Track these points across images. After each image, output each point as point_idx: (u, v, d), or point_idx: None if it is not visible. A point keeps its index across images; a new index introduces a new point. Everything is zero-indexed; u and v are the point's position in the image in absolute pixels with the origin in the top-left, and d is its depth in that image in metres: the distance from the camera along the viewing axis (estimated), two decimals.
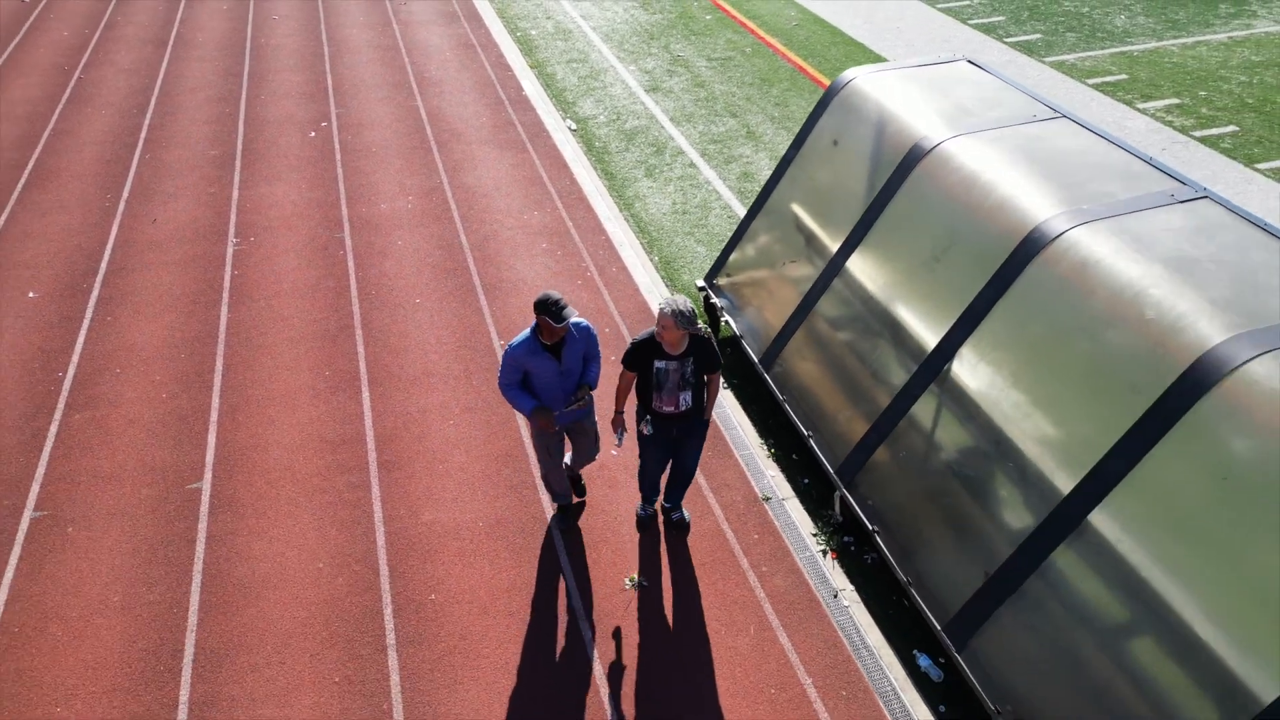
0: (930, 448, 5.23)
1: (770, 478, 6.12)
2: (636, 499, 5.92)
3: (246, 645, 5.01)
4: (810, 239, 6.66)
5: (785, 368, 6.48)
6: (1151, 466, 4.13)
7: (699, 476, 6.10)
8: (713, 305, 7.45)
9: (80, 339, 7.34)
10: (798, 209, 6.86)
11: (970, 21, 13.86)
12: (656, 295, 7.92)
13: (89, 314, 7.64)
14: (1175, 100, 11.15)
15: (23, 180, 9.66)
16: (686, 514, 5.73)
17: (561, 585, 5.35)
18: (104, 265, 8.26)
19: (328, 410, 6.63)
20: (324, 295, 7.88)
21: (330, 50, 13.02)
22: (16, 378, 6.94)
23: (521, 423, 6.52)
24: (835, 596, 5.31)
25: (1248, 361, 3.96)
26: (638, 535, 5.69)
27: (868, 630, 5.12)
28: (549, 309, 4.69)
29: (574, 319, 4.91)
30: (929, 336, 5.44)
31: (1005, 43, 13.02)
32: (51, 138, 10.54)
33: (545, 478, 5.49)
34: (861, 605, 5.28)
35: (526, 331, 4.90)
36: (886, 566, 5.47)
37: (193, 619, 5.15)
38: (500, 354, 7.18)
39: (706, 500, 5.93)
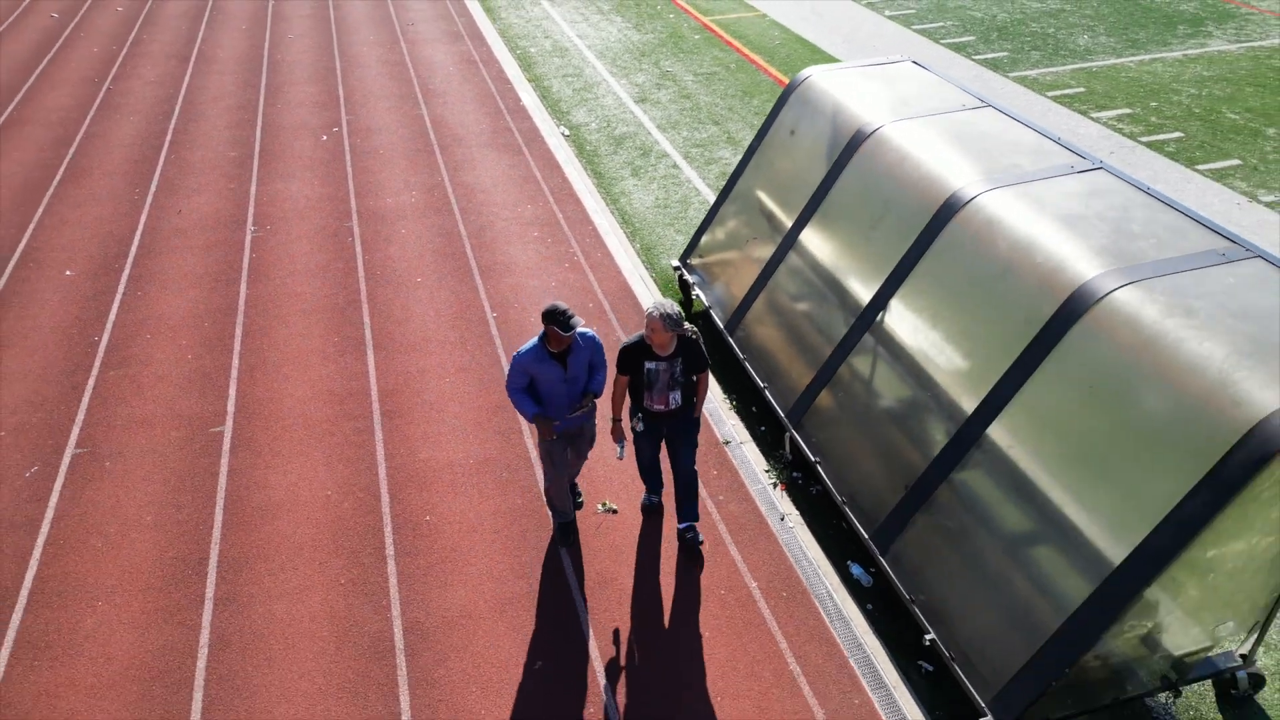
0: (864, 387, 5.96)
1: (730, 426, 6.84)
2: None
3: (263, 555, 5.73)
4: (770, 218, 7.44)
5: (746, 332, 7.22)
6: (1036, 384, 4.86)
7: None
8: (686, 282, 8.22)
9: (113, 310, 8.13)
10: (760, 193, 7.64)
11: (943, 41, 14.75)
12: (637, 277, 8.69)
13: (121, 289, 8.43)
14: (1127, 110, 11.98)
15: (58, 177, 10.51)
16: (700, 535, 5.75)
17: (543, 512, 6.06)
18: (134, 249, 9.07)
19: (336, 369, 7.39)
20: (334, 275, 8.66)
21: (342, 65, 13.94)
22: (57, 341, 7.72)
23: (526, 433, 7.28)
24: (782, 520, 6.01)
25: (1111, 292, 4.70)
26: (614, 462, 6.40)
27: (808, 546, 5.82)
28: (557, 318, 4.86)
29: (581, 329, 5.10)
30: (864, 294, 6.19)
31: (973, 59, 13.89)
32: (83, 140, 11.42)
33: (548, 492, 5.63)
34: (805, 527, 5.98)
35: (534, 340, 5.10)
36: (828, 495, 6.18)
37: (216, 534, 5.87)
38: (493, 325, 7.94)
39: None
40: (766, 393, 6.74)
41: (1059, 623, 4.32)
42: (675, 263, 8.37)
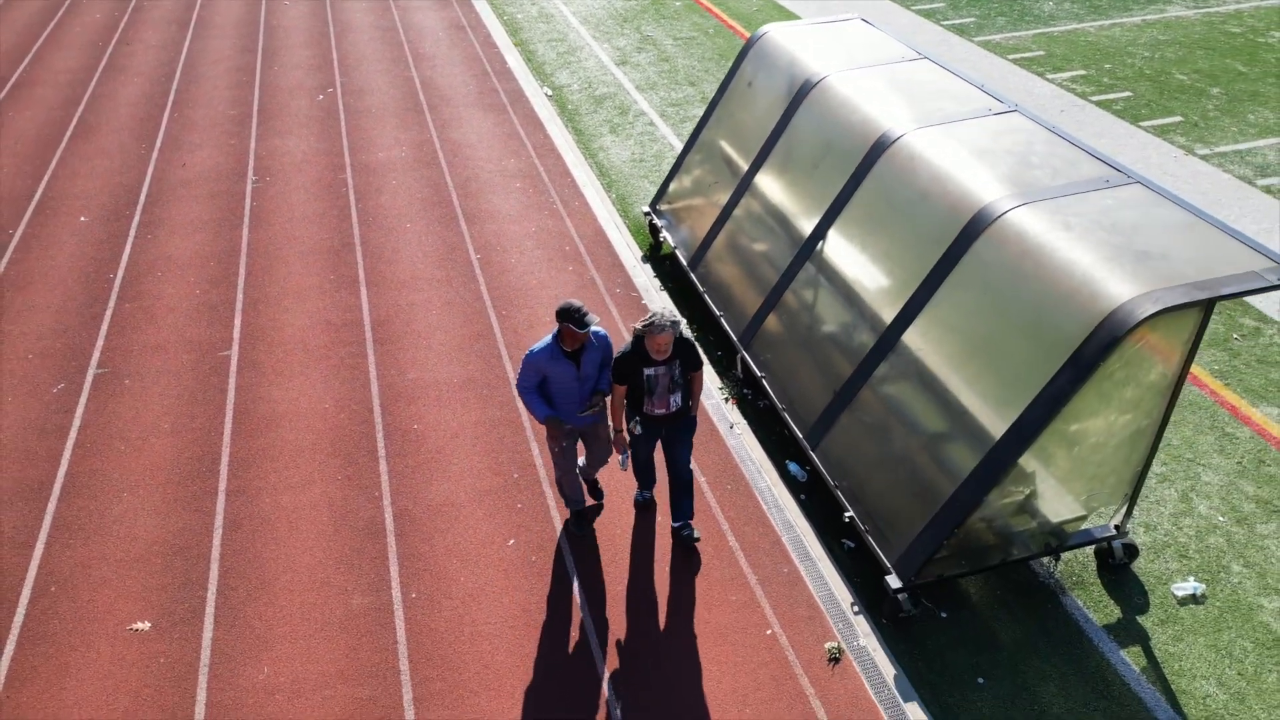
0: (804, 309, 6.67)
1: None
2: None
3: (269, 456, 6.45)
4: (729, 164, 8.11)
5: (707, 268, 7.92)
6: (942, 294, 5.56)
7: (628, 337, 7.53)
8: (655, 226, 8.89)
9: (126, 251, 8.80)
10: (721, 141, 8.31)
11: (913, 8, 15.32)
12: (611, 224, 9.36)
13: (132, 233, 9.10)
14: (1082, 71, 12.61)
15: (69, 133, 11.14)
16: (696, 532, 5.84)
17: (520, 418, 6.78)
18: (142, 198, 9.73)
19: (332, 303, 8.08)
20: (329, 221, 9.33)
21: (335, 30, 14.51)
22: (75, 278, 8.40)
23: (506, 358, 7.97)
24: (731, 428, 6.73)
25: (1006, 212, 5.40)
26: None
27: (752, 449, 6.55)
28: (572, 316, 4.82)
29: (594, 328, 5.07)
30: (807, 227, 6.88)
31: (941, 25, 14.49)
32: (91, 100, 12.03)
33: (559, 482, 5.68)
34: (750, 434, 6.71)
35: (548, 338, 5.05)
36: (772, 407, 6.90)
37: (226, 438, 6.59)
38: (476, 266, 8.62)
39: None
40: (722, 320, 7.44)
41: (950, 491, 5.05)
42: (646, 209, 9.04)
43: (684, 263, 8.18)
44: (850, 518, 5.61)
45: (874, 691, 4.93)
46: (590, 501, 6.06)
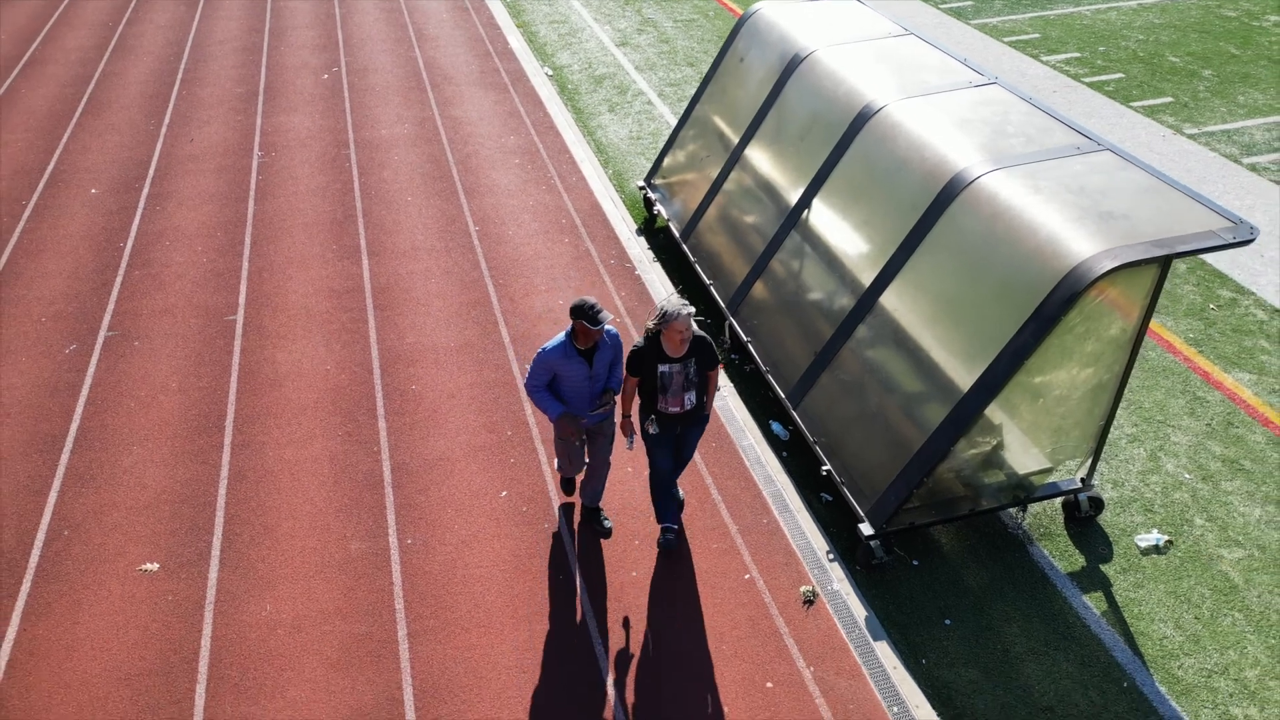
0: (788, 274, 6.89)
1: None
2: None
3: (272, 413, 6.72)
4: (721, 138, 8.32)
5: (698, 239, 8.14)
6: (918, 256, 5.78)
7: (620, 304, 7.78)
8: (649, 200, 9.11)
9: (135, 222, 9.07)
10: (713, 115, 8.52)
11: None
12: (607, 198, 9.58)
13: (141, 205, 9.36)
14: (1076, 54, 12.76)
15: (79, 110, 11.40)
16: (680, 492, 5.90)
17: (515, 381, 7.03)
18: (151, 171, 9.99)
19: (335, 271, 8.33)
20: (333, 194, 9.58)
21: (341, 11, 14.73)
22: (87, 247, 8.67)
23: (503, 323, 8.21)
24: (718, 389, 6.97)
25: (979, 177, 5.61)
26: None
27: (737, 410, 6.79)
28: (586, 313, 4.75)
29: (606, 326, 4.95)
30: (792, 196, 7.10)
31: (939, 9, 14.63)
32: (101, 78, 12.29)
33: (560, 469, 5.75)
34: (736, 396, 6.94)
35: (561, 336, 4.97)
36: (759, 373, 7.12)
37: (232, 397, 6.86)
38: (475, 237, 8.86)
39: (630, 334, 7.60)
40: (711, 288, 7.67)
41: (920, 442, 5.28)
42: (640, 183, 9.26)
43: (676, 234, 8.40)
44: (827, 471, 5.85)
45: (845, 631, 5.17)
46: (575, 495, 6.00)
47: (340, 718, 4.74)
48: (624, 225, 9.10)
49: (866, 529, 5.42)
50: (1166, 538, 5.66)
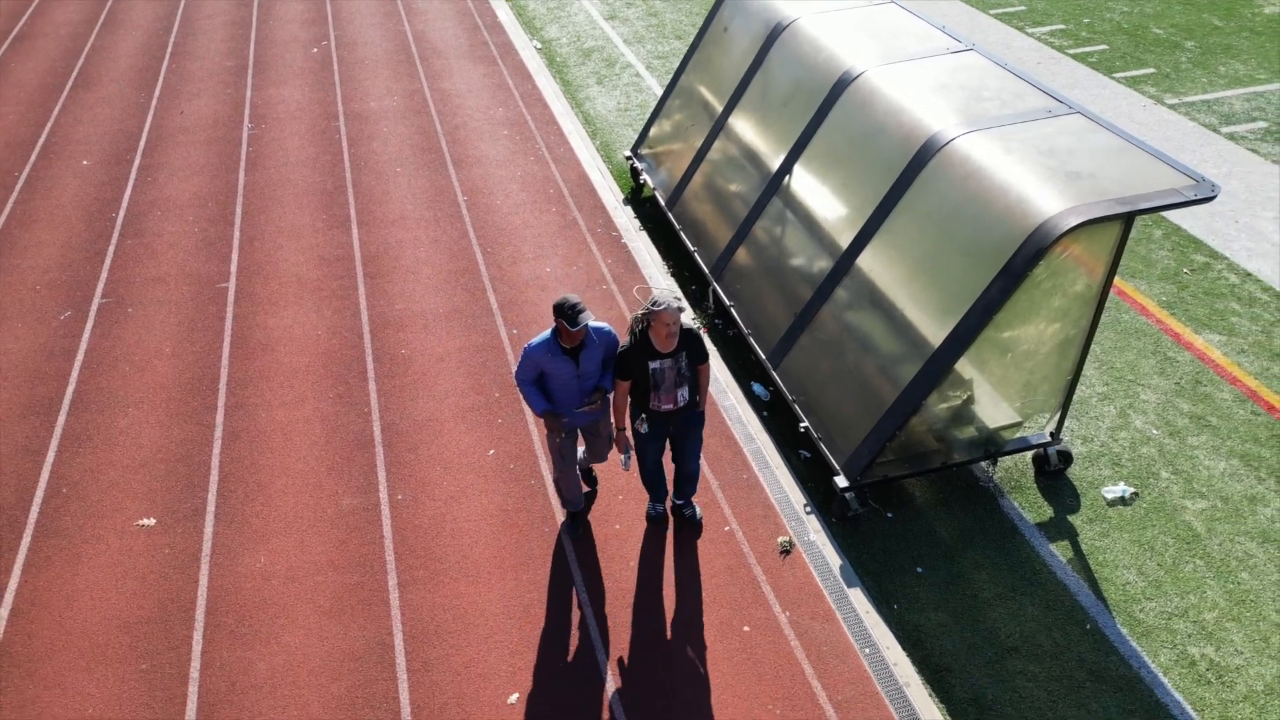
0: (769, 239, 7.03)
1: (666, 285, 7.93)
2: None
3: (265, 376, 6.86)
4: (705, 107, 8.43)
5: (683, 207, 8.27)
6: (894, 218, 5.93)
7: (607, 271, 7.92)
8: (636, 169, 9.23)
9: (128, 192, 9.16)
10: (699, 85, 8.62)
11: None
12: (595, 169, 9.69)
13: (133, 176, 9.45)
14: (1061, 26, 12.85)
15: (70, 83, 11.45)
16: (698, 510, 5.72)
17: (502, 344, 7.17)
18: (142, 143, 10.07)
19: (325, 240, 8.45)
20: (323, 165, 9.68)
21: None
22: (79, 217, 8.76)
23: (491, 290, 8.34)
24: None
25: (953, 140, 5.75)
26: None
27: (720, 371, 6.95)
28: (564, 313, 4.64)
29: (593, 324, 4.89)
30: (774, 163, 7.23)
31: None
32: (91, 52, 12.32)
33: (557, 483, 5.48)
34: (719, 358, 7.10)
35: (547, 333, 4.88)
36: (742, 337, 7.28)
37: (225, 360, 6.99)
38: (464, 207, 8.97)
39: (615, 299, 7.74)
40: (696, 255, 7.81)
41: (895, 397, 5.45)
42: (627, 153, 9.37)
43: (662, 203, 8.52)
44: (805, 428, 6.02)
45: (820, 579, 5.36)
46: (585, 487, 5.87)
47: (333, 661, 4.92)
48: (611, 195, 9.21)
49: (842, 481, 5.59)
50: (1133, 490, 5.85)
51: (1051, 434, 5.91)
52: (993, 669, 4.89)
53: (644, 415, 5.09)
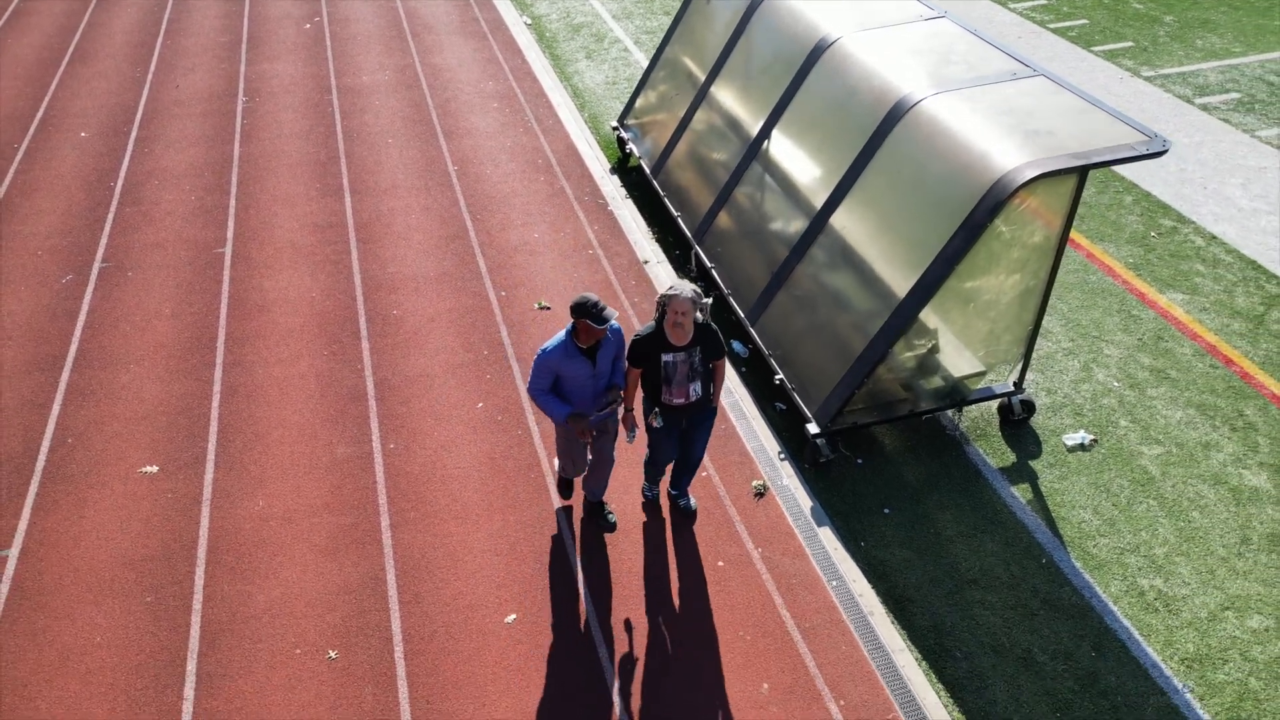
0: (749, 202, 7.28)
1: (650, 250, 8.18)
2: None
3: (261, 335, 7.10)
4: (689, 77, 8.65)
5: (667, 175, 8.50)
6: (865, 177, 6.17)
7: (593, 236, 8.16)
8: (622, 140, 9.45)
9: (125, 163, 9.37)
10: (682, 56, 8.84)
11: None
12: (583, 140, 9.91)
13: (130, 147, 9.65)
14: (1043, 1, 13.05)
15: (66, 58, 11.62)
16: (693, 501, 5.67)
17: (491, 306, 7.42)
18: (139, 115, 10.26)
19: (319, 208, 8.67)
20: (316, 137, 9.88)
21: None
22: (79, 186, 8.98)
23: (479, 251, 8.57)
24: None
25: (920, 101, 5.98)
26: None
27: None
28: (589, 311, 4.51)
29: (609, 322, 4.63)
30: (754, 128, 7.45)
31: None
32: (87, 28, 12.48)
33: (562, 468, 5.45)
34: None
35: (561, 335, 4.73)
36: (723, 298, 7.53)
37: (222, 321, 7.23)
38: (454, 176, 9.19)
39: (601, 263, 7.99)
40: (679, 219, 8.05)
41: (863, 347, 5.71)
42: (614, 124, 9.59)
43: (647, 171, 8.75)
44: (780, 380, 6.28)
45: (791, 519, 5.63)
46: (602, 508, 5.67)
47: (329, 594, 5.19)
48: (598, 165, 9.44)
49: (813, 428, 5.86)
50: (1092, 437, 6.12)
51: (1015, 384, 6.17)
52: (952, 599, 5.18)
53: (657, 410, 4.99)
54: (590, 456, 5.31)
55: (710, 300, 5.03)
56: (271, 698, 4.70)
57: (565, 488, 5.70)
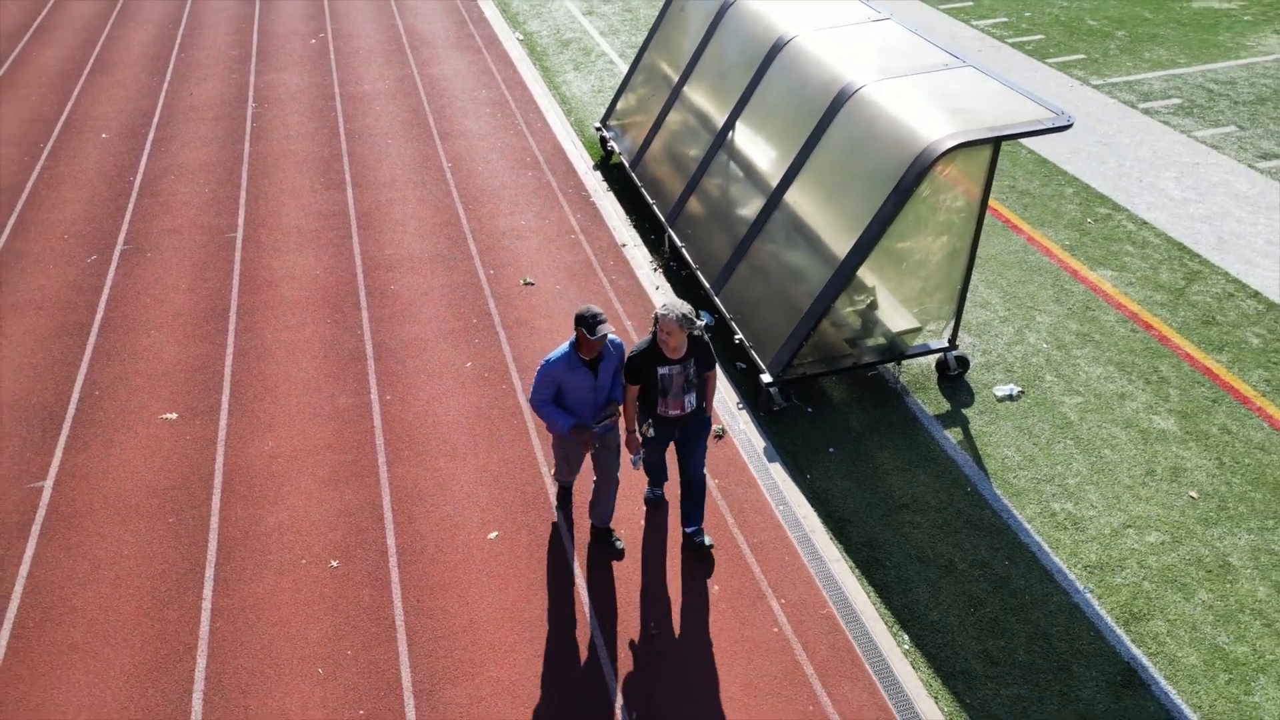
0: (715, 187, 8.00)
1: (628, 235, 8.89)
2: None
3: (270, 306, 7.78)
4: (665, 79, 9.42)
5: (644, 168, 9.24)
6: (814, 157, 6.89)
7: (575, 224, 8.88)
8: (604, 139, 10.21)
9: (143, 160, 10.11)
10: (659, 60, 9.62)
11: None
12: (569, 141, 10.67)
13: (148, 147, 10.40)
14: (1004, 19, 13.91)
15: (87, 69, 12.41)
16: (708, 538, 5.59)
17: (480, 282, 8.11)
18: (155, 119, 11.02)
19: (323, 199, 9.40)
20: (320, 138, 10.64)
21: None
22: (101, 179, 9.70)
23: (471, 236, 9.30)
24: (656, 289, 8.07)
25: (861, 88, 6.72)
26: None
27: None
28: (585, 321, 4.62)
29: (610, 335, 4.85)
30: (720, 120, 8.20)
31: None
32: (107, 42, 13.30)
33: (558, 475, 5.64)
34: (670, 292, 8.05)
35: (565, 347, 4.84)
36: (693, 274, 8.23)
37: (234, 295, 7.92)
38: (448, 172, 9.93)
39: (582, 246, 8.70)
40: (654, 206, 8.77)
41: (809, 303, 6.40)
42: (597, 124, 10.35)
43: (626, 165, 9.49)
44: (739, 339, 6.96)
45: (746, 457, 6.28)
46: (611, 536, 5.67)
47: (331, 516, 5.82)
48: (582, 162, 10.18)
49: (766, 377, 6.53)
50: (1019, 389, 6.79)
51: (950, 340, 6.85)
52: (885, 520, 5.82)
53: (650, 420, 5.14)
54: (594, 477, 5.40)
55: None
56: (280, 598, 5.33)
57: (564, 497, 5.86)
